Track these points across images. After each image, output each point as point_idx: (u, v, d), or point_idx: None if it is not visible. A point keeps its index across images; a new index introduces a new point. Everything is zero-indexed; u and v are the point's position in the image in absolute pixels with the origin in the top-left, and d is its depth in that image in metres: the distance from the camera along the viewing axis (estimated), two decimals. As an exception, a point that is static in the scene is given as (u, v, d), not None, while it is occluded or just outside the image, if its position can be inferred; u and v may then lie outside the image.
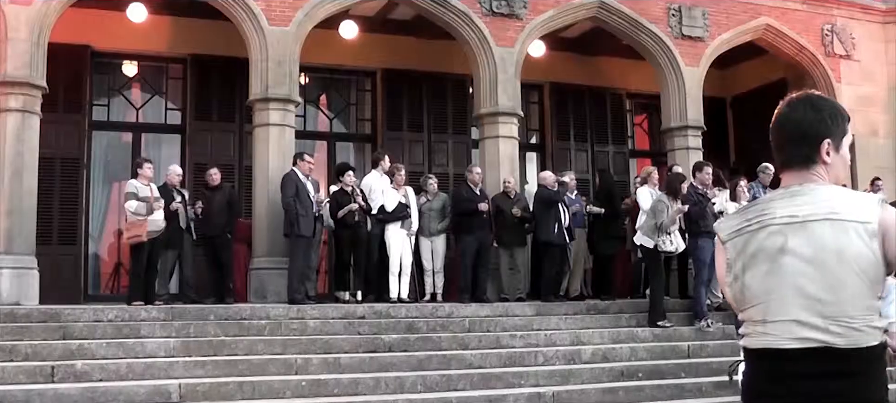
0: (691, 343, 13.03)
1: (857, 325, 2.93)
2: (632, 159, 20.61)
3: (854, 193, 3.08)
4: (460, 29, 16.08)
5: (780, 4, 18.37)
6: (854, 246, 2.92)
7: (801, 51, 18.60)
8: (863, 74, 19.12)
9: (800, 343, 2.96)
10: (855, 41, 19.06)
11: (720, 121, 20.55)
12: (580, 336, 12.81)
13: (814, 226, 2.98)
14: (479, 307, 13.71)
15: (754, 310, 3.10)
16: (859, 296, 2.93)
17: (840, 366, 2.93)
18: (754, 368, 3.15)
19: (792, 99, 3.23)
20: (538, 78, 18.70)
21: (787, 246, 3.01)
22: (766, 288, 3.05)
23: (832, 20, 18.91)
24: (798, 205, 3.04)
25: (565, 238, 14.77)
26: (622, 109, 20.45)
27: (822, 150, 3.10)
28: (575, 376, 11.48)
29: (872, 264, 2.93)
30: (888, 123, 19.19)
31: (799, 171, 3.13)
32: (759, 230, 3.09)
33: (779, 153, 3.21)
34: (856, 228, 2.93)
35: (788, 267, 3.00)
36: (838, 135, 3.15)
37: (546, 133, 19.71)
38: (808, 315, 2.95)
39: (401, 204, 14.29)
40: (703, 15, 17.55)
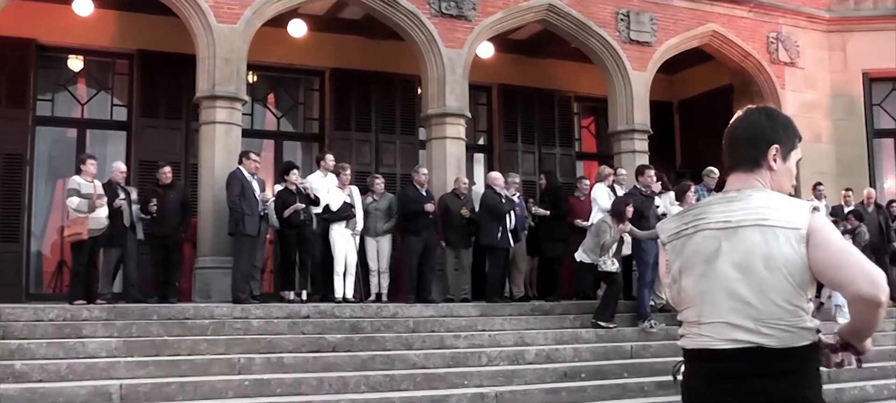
0: (634, 343, 13.15)
1: (786, 326, 3.03)
2: (579, 161, 20.78)
3: (788, 200, 3.15)
4: (409, 29, 16.10)
5: (727, 11, 18.64)
6: (782, 251, 3.01)
7: (746, 57, 18.88)
8: (806, 81, 19.46)
9: (732, 344, 3.06)
10: (799, 49, 19.40)
11: (667, 124, 20.79)
12: (524, 337, 12.87)
13: (745, 232, 3.08)
14: (423, 307, 13.73)
15: (690, 312, 3.21)
16: (788, 299, 3.03)
17: (772, 366, 3.03)
18: (691, 368, 3.26)
19: (750, 107, 3.38)
20: (487, 79, 18.81)
21: (720, 250, 3.11)
22: (700, 290, 3.15)
23: (777, 28, 19.21)
24: (732, 211, 3.14)
25: (509, 242, 14.82)
26: (570, 112, 20.60)
27: (769, 154, 3.22)
28: (518, 376, 11.53)
29: (800, 268, 3.01)
30: (830, 129, 19.54)
31: (743, 174, 3.25)
32: (694, 234, 3.20)
33: (728, 154, 3.32)
34: (785, 234, 3.02)
35: (721, 270, 3.10)
36: (788, 145, 3.27)
37: (494, 134, 19.81)
38: (740, 317, 3.05)
39: (346, 203, 14.27)
40: (651, 20, 17.75)
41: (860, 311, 3.03)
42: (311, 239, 14.09)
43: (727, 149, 3.34)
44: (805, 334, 3.06)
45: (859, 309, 3.02)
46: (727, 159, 3.33)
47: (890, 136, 20.35)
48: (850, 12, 20.05)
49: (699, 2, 18.34)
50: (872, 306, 2.96)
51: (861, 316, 3.05)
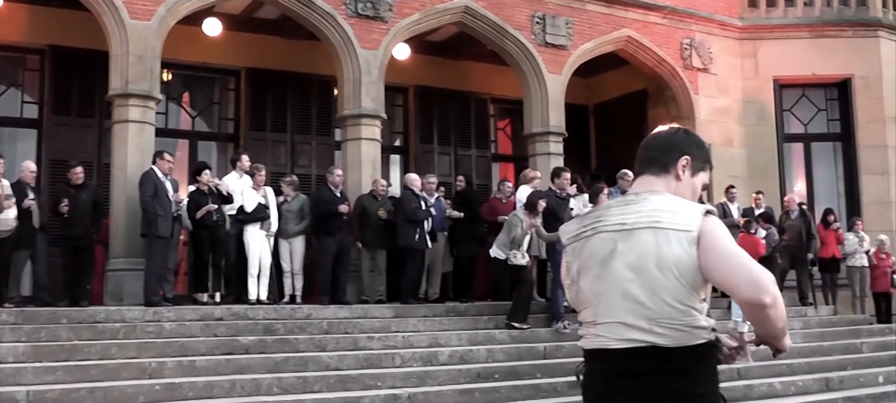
0: (548, 344, 13.24)
1: (680, 326, 3.10)
2: (494, 163, 20.93)
3: (683, 203, 3.22)
4: (325, 30, 16.04)
5: (642, 17, 18.92)
6: (674, 253, 3.09)
7: (661, 63, 19.19)
8: (719, 87, 19.86)
9: (627, 344, 3.14)
10: (712, 55, 19.81)
11: (582, 127, 21.06)
12: (438, 338, 12.91)
13: (639, 233, 3.16)
14: (338, 309, 13.69)
15: (587, 312, 3.29)
16: (680, 299, 3.10)
17: (667, 364, 3.11)
18: (590, 368, 3.34)
19: (673, 125, 3.51)
20: (403, 81, 18.83)
21: (615, 251, 3.19)
22: (597, 291, 3.23)
23: (691, 35, 19.56)
24: (628, 213, 3.22)
25: (426, 243, 14.86)
26: (486, 114, 20.74)
27: (679, 163, 3.33)
28: (432, 377, 11.55)
29: (691, 270, 3.09)
30: (742, 134, 19.97)
31: (649, 178, 3.35)
32: (593, 236, 3.28)
33: (640, 159, 3.41)
34: (677, 236, 3.10)
35: (615, 271, 3.18)
36: (698, 163, 3.38)
37: (410, 136, 19.84)
38: (634, 317, 3.13)
39: (260, 204, 14.18)
40: (567, 24, 17.91)
41: (750, 313, 3.12)
42: (225, 240, 13.95)
43: (640, 153, 3.44)
44: (699, 333, 3.13)
45: (747, 311, 3.11)
46: (638, 163, 3.42)
47: (799, 141, 20.89)
48: (761, 21, 20.55)
49: (614, 7, 18.57)
50: (757, 308, 3.04)
51: (752, 318, 3.14)
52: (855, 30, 20.61)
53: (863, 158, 20.23)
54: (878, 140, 20.20)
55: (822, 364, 14.55)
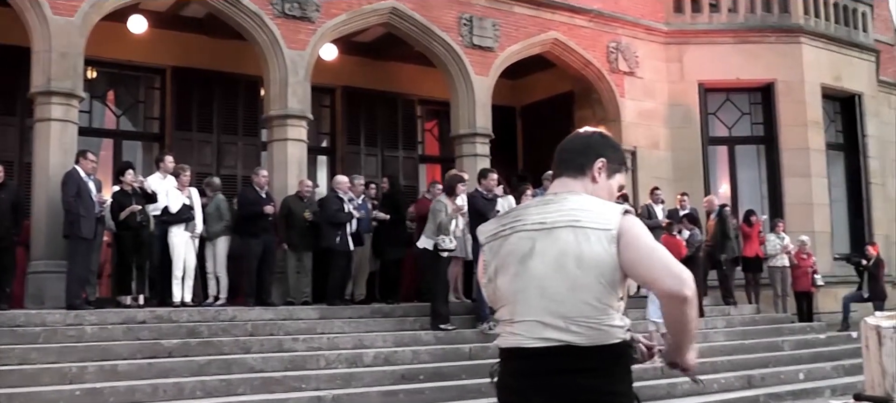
0: (473, 345, 13.28)
1: (596, 325, 3.14)
2: (421, 165, 20.98)
3: (601, 202, 3.26)
4: (252, 30, 15.91)
5: (568, 20, 19.06)
6: (594, 251, 3.12)
7: (587, 65, 19.36)
8: (645, 91, 20.10)
9: (543, 343, 3.17)
10: (638, 59, 20.04)
11: (509, 129, 21.13)
12: (363, 340, 12.89)
13: (558, 232, 3.18)
14: (263, 310, 13.62)
15: (504, 310, 3.31)
16: (598, 298, 3.14)
17: (582, 363, 3.14)
18: (505, 367, 3.34)
19: (588, 128, 3.57)
20: (330, 81, 18.78)
21: (534, 250, 3.21)
22: (514, 289, 3.25)
23: (617, 38, 19.77)
24: (548, 213, 3.25)
25: (348, 245, 14.78)
26: (413, 115, 20.75)
27: (595, 166, 3.37)
28: (356, 379, 11.56)
29: (610, 268, 3.13)
30: (667, 137, 20.22)
31: (567, 179, 3.38)
32: (511, 235, 3.29)
33: (557, 161, 3.45)
34: (597, 235, 3.14)
35: (534, 270, 3.20)
36: (614, 166, 3.43)
37: (337, 137, 19.77)
38: (550, 316, 3.16)
39: (185, 205, 14.02)
40: (494, 26, 17.98)
41: (668, 307, 3.16)
42: (149, 241, 13.72)
43: (557, 155, 3.47)
44: (614, 332, 3.17)
45: (667, 304, 3.15)
46: (556, 164, 3.46)
47: (724, 144, 21.21)
48: (686, 26, 20.83)
49: (541, 10, 18.68)
50: (677, 301, 3.09)
51: (670, 313, 3.18)
52: (778, 36, 20.98)
53: (785, 161, 20.57)
54: (800, 143, 20.57)
55: (744, 361, 14.82)
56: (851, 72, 22.11)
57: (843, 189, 22.27)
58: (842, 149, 22.44)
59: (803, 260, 18.79)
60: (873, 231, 21.93)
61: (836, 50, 21.80)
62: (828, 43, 21.63)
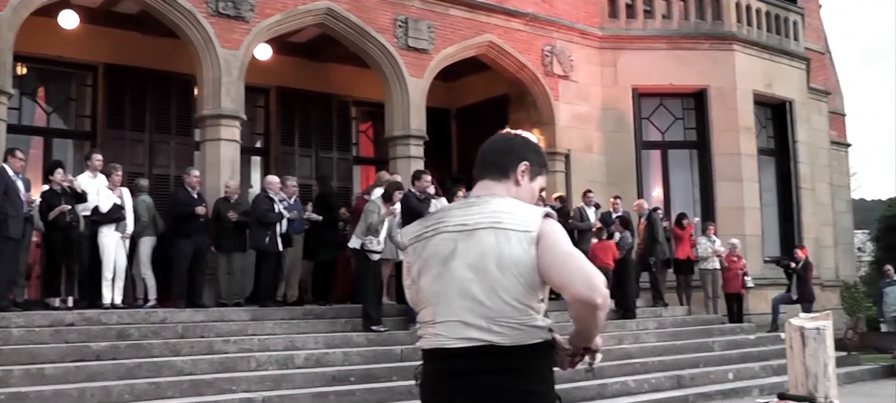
0: (405, 346, 13.28)
1: (517, 325, 3.15)
2: (356, 166, 20.92)
3: (523, 205, 3.28)
4: (185, 28, 15.75)
5: (504, 23, 19.14)
6: (514, 253, 3.14)
7: (522, 69, 19.45)
8: (579, 94, 20.25)
9: (465, 343, 3.18)
10: (573, 63, 20.20)
11: (444, 131, 21.18)
12: (295, 341, 12.84)
13: (480, 233, 3.20)
14: (193, 312, 13.48)
15: (426, 311, 3.31)
16: (519, 299, 3.15)
17: (503, 363, 3.15)
18: (428, 367, 3.34)
19: (510, 130, 3.56)
20: (265, 82, 18.66)
21: (456, 251, 3.22)
22: (436, 290, 3.26)
23: (552, 42, 19.89)
24: (470, 215, 3.26)
25: (278, 246, 14.69)
26: (348, 116, 20.69)
27: (519, 169, 3.39)
28: (287, 381, 11.54)
29: (530, 269, 3.15)
30: (601, 140, 20.40)
31: (490, 182, 3.40)
32: (434, 236, 3.30)
33: (480, 163, 3.46)
34: (517, 236, 3.16)
35: (455, 270, 3.21)
36: (536, 169, 3.45)
37: (271, 137, 19.65)
38: (472, 316, 3.17)
39: (116, 205, 13.83)
40: (429, 28, 18.00)
41: (578, 312, 3.17)
42: (79, 242, 13.52)
43: (479, 158, 3.48)
44: (536, 332, 3.19)
45: (578, 309, 3.16)
46: (478, 167, 3.47)
47: (657, 148, 21.45)
48: (621, 31, 21.04)
49: (477, 12, 18.75)
50: (589, 307, 3.11)
51: (580, 318, 3.20)
52: (711, 43, 21.28)
53: (717, 165, 20.87)
54: (732, 148, 20.88)
55: (675, 362, 15.04)
56: (783, 80, 22.49)
57: (773, 193, 22.66)
58: (773, 154, 22.82)
59: (734, 263, 19.06)
60: (803, 234, 22.33)
61: (767, 57, 22.17)
62: (760, 51, 21.99)
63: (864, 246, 56.35)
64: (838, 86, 30.78)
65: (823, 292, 23.34)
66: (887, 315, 21.12)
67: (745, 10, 21.94)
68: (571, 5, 20.42)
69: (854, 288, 29.09)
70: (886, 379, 16.89)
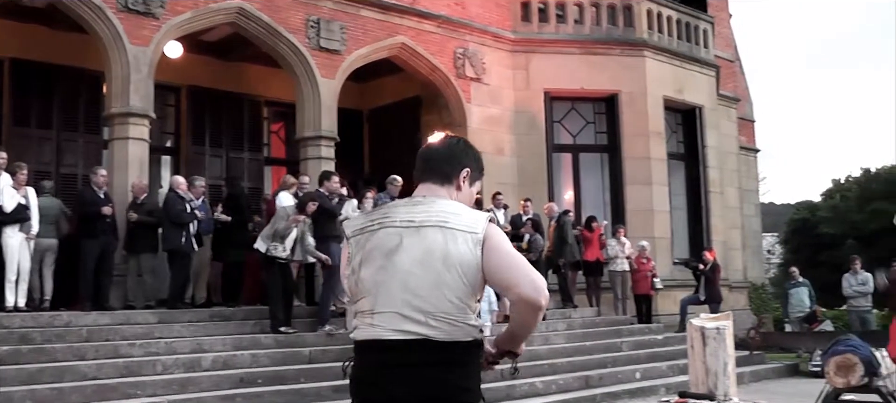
0: (313, 348, 13.28)
1: (454, 321, 3.24)
2: (267, 167, 20.76)
3: (468, 208, 3.40)
4: (93, 23, 15.43)
5: (416, 26, 19.15)
6: (460, 252, 3.25)
7: (434, 71, 19.48)
8: (491, 97, 20.35)
9: (402, 335, 3.24)
10: (485, 66, 20.29)
11: (356, 132, 21.13)
12: (202, 344, 12.69)
13: (427, 231, 3.30)
14: (99, 315, 13.21)
15: (365, 302, 3.35)
16: (459, 296, 3.25)
17: (437, 357, 3.23)
18: (362, 359, 3.39)
19: (451, 135, 3.73)
20: (176, 80, 18.42)
21: (401, 245, 3.30)
22: (378, 281, 3.32)
23: (465, 45, 19.96)
24: (417, 213, 3.36)
25: (192, 247, 14.57)
26: (259, 116, 20.53)
27: (461, 175, 3.52)
28: (194, 384, 11.45)
29: (474, 269, 3.25)
30: (512, 143, 20.52)
31: (432, 185, 3.50)
32: (379, 229, 3.38)
33: (423, 165, 3.56)
34: (464, 236, 3.27)
35: (399, 263, 3.29)
36: (475, 175, 3.59)
37: (182, 136, 19.39)
38: (411, 310, 3.24)
39: (20, 205, 13.49)
40: (341, 29, 17.93)
41: (521, 313, 3.31)
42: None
43: (423, 161, 3.58)
44: (470, 330, 3.28)
45: (521, 310, 3.29)
46: (420, 171, 3.57)
47: (568, 151, 21.64)
48: (533, 35, 21.19)
49: (389, 14, 18.73)
50: (533, 309, 3.25)
51: (521, 318, 3.34)
52: (622, 48, 21.55)
53: (628, 169, 21.15)
54: (642, 152, 21.17)
55: (583, 362, 15.22)
56: (693, 86, 22.88)
57: (683, 197, 23.05)
58: (682, 158, 23.20)
59: (643, 265, 19.35)
60: (712, 237, 22.76)
61: (678, 64, 22.54)
62: (671, 57, 22.33)
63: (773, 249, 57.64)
64: (747, 93, 31.44)
65: (731, 293, 23.79)
66: (792, 315, 21.58)
67: (656, 17, 22.27)
68: (484, 8, 20.53)
69: (762, 290, 29.75)
70: (790, 378, 17.37)
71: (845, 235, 42.90)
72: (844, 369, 8.99)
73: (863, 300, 20.81)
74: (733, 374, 9.77)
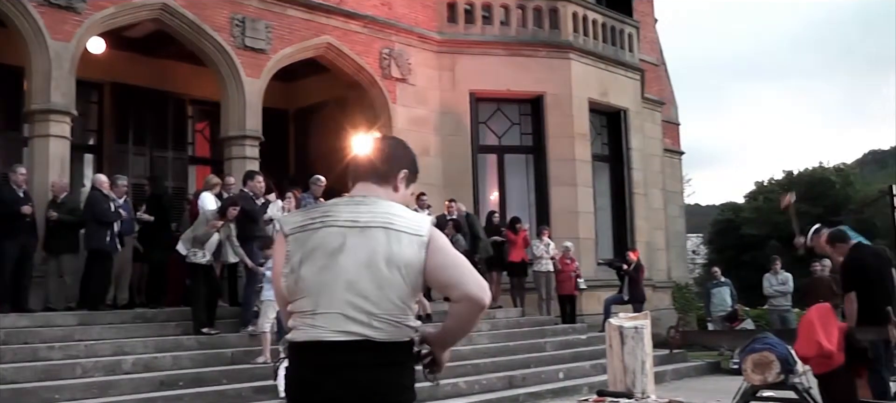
0: (236, 349, 13.20)
1: (395, 322, 3.27)
2: (191, 166, 20.53)
3: (410, 211, 3.44)
4: (13, 17, 15.07)
5: (342, 25, 19.09)
6: (404, 253, 3.28)
7: (360, 71, 19.46)
8: (417, 97, 20.37)
9: (344, 336, 3.23)
10: (411, 66, 20.31)
11: (281, 132, 21.03)
12: (123, 347, 12.53)
13: (371, 231, 3.31)
14: (17, 317, 12.85)
15: (305, 301, 3.33)
16: (401, 297, 3.28)
17: (380, 357, 3.25)
18: (300, 360, 3.36)
19: (389, 136, 3.83)
20: (99, 77, 18.13)
21: (345, 245, 3.30)
22: (320, 281, 3.30)
23: (391, 45, 19.95)
24: (360, 213, 3.36)
25: (116, 246, 14.37)
26: (184, 115, 20.31)
27: (398, 176, 3.55)
28: (114, 387, 11.32)
29: (417, 271, 3.29)
30: (438, 143, 20.56)
31: (370, 185, 3.52)
32: (321, 228, 3.36)
33: (361, 165, 3.58)
34: (409, 238, 3.29)
35: (343, 264, 3.28)
36: (411, 177, 3.62)
37: (105, 134, 19.10)
38: (354, 310, 3.24)
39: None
40: (267, 28, 17.80)
41: (463, 311, 3.34)
42: None
43: (361, 162, 3.60)
44: (408, 331, 3.32)
45: (464, 308, 3.32)
46: (358, 170, 3.58)
47: (493, 152, 21.73)
48: (459, 36, 21.23)
49: (315, 13, 18.64)
50: (477, 307, 3.30)
51: (462, 317, 3.37)
52: (548, 50, 21.70)
53: (552, 170, 21.29)
54: (567, 154, 21.34)
55: (507, 363, 15.30)
56: (618, 89, 23.13)
57: (607, 198, 23.30)
58: (607, 160, 23.45)
59: (567, 265, 19.53)
60: (635, 238, 23.03)
61: (603, 67, 22.77)
62: (596, 60, 22.55)
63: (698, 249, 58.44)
64: (673, 97, 31.82)
65: (655, 293, 24.10)
66: (714, 314, 21.90)
67: (581, 20, 22.45)
68: (410, 9, 20.55)
69: (686, 289, 30.11)
70: (712, 375, 17.66)
71: (768, 236, 43.57)
72: (761, 366, 9.14)
73: (783, 299, 21.14)
74: (651, 372, 9.92)
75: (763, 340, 9.55)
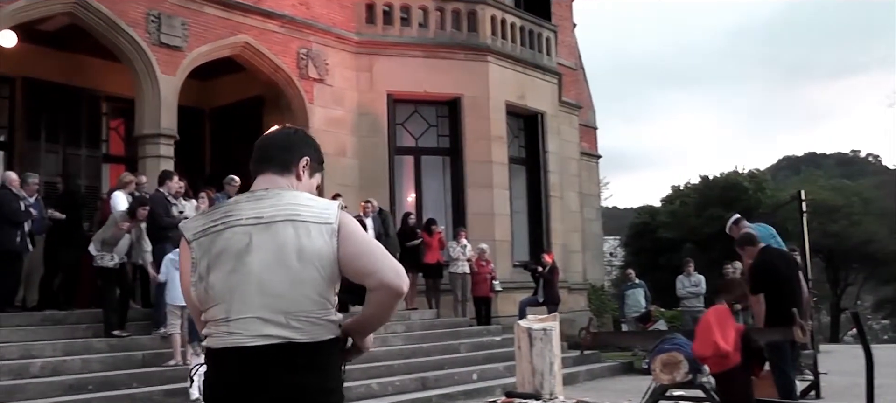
0: (147, 352, 13.07)
1: (315, 319, 3.16)
2: (105, 164, 20.15)
3: (317, 198, 3.31)
4: (-81, 12, 14.85)
5: (260, 25, 18.98)
6: (315, 245, 3.15)
7: (277, 70, 19.36)
8: (334, 98, 20.35)
9: (263, 340, 3.11)
10: (329, 67, 20.27)
11: (197, 131, 20.82)
12: (31, 349, 12.32)
13: (277, 227, 3.18)
14: (-79, 320, 12.65)
15: (218, 309, 3.19)
16: (319, 292, 3.16)
17: (300, 360, 3.13)
18: (218, 368, 3.20)
19: (287, 126, 3.57)
20: (10, 71, 17.72)
21: (251, 245, 3.17)
22: (230, 286, 3.17)
23: (309, 45, 19.89)
24: (263, 208, 3.23)
25: (28, 246, 14.10)
26: (98, 112, 19.94)
27: (300, 163, 3.40)
28: (20, 391, 11.11)
29: (331, 261, 3.17)
30: (355, 144, 20.57)
31: (272, 176, 3.37)
32: (224, 230, 3.22)
33: (260, 156, 3.43)
34: (318, 228, 3.17)
35: (252, 265, 3.16)
36: (315, 165, 3.48)
37: (15, 131, 18.68)
38: (270, 312, 3.12)
39: None
40: (183, 25, 17.62)
41: (381, 300, 3.21)
42: None
43: (259, 151, 3.44)
44: (331, 327, 3.20)
45: (381, 297, 3.19)
46: (258, 162, 3.43)
47: (410, 154, 21.79)
48: (377, 37, 21.24)
49: (232, 12, 18.50)
50: (394, 295, 3.18)
51: (380, 306, 3.23)
52: (466, 53, 21.82)
53: (469, 173, 21.43)
54: (484, 156, 21.49)
55: (421, 364, 15.38)
56: (535, 92, 23.34)
57: (524, 200, 23.51)
58: (524, 163, 23.66)
59: (482, 267, 19.68)
60: (551, 240, 23.25)
61: (521, 70, 22.95)
62: (513, 63, 22.72)
63: (615, 252, 59.16)
64: (591, 101, 32.17)
65: (571, 294, 24.39)
66: (628, 315, 22.21)
67: (499, 23, 22.60)
68: (328, 9, 20.50)
69: (601, 291, 30.50)
70: (624, 375, 17.98)
71: (684, 239, 44.31)
72: (670, 366, 9.31)
73: (695, 300, 21.54)
74: (559, 373, 10.04)
75: (671, 340, 9.74)
